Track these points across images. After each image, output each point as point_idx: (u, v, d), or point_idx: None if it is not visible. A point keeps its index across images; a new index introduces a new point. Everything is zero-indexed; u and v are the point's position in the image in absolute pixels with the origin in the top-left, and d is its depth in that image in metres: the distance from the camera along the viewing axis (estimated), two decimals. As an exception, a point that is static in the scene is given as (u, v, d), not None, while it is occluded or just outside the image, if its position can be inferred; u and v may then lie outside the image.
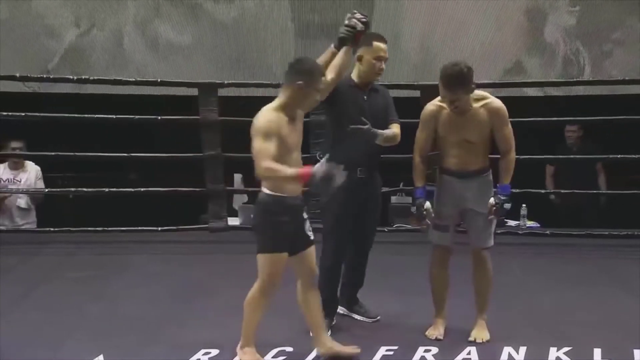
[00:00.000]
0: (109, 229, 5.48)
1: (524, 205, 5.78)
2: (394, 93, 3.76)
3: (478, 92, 3.27)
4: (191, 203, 5.85)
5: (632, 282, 4.30)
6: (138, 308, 3.81)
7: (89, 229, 5.49)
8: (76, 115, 5.44)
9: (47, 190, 5.66)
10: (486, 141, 3.29)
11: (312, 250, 3.06)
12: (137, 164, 6.05)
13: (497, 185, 3.28)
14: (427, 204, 3.31)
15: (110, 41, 6.48)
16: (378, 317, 3.64)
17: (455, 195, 3.31)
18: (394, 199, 5.95)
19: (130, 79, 5.61)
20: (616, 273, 4.60)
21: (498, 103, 3.26)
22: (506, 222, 5.74)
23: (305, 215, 3.04)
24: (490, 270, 3.37)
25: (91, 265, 4.77)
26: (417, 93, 5.15)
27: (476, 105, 3.25)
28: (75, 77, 5.55)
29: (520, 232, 5.65)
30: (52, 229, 5.45)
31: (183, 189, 5.66)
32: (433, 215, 3.30)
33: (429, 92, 3.53)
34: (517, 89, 6.14)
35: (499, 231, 5.43)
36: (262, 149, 2.81)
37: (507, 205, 3.22)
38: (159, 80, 5.55)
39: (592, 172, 6.06)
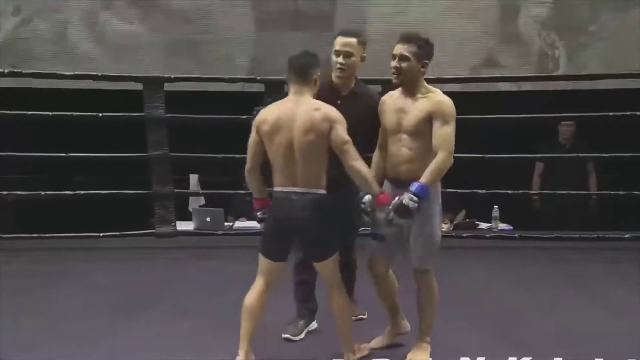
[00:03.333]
0: (46, 235, 5.46)
1: (496, 206, 5.86)
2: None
3: (428, 86, 3.28)
4: (138, 207, 5.86)
5: (598, 288, 4.40)
6: (76, 320, 3.80)
7: (24, 235, 5.46)
8: (9, 112, 5.42)
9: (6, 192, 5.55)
10: (425, 141, 3.18)
11: None
12: (81, 165, 6.01)
13: (412, 182, 3.12)
14: (367, 198, 3.18)
15: (53, 32, 6.41)
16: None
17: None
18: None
19: (68, 73, 5.56)
20: (584, 278, 4.69)
21: (444, 97, 3.24)
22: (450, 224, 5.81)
23: None
24: (434, 294, 3.27)
25: (26, 274, 4.74)
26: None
27: (420, 95, 3.23)
28: (6, 71, 5.49)
29: (488, 235, 5.72)
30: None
31: (126, 192, 5.65)
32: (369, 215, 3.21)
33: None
34: (490, 84, 6.20)
35: (465, 235, 5.66)
36: (350, 141, 3.09)
37: (412, 205, 3.05)
38: (99, 74, 5.52)
39: (583, 172, 6.12)
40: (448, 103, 3.22)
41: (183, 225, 5.74)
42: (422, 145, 3.20)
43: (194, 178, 5.98)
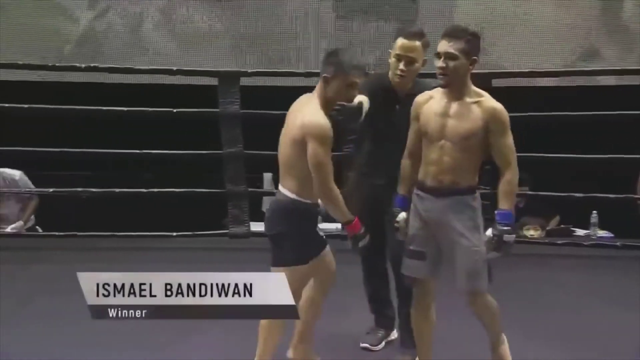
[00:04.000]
0: (119, 234, 5.45)
1: (594, 212, 5.55)
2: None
3: (476, 89, 2.96)
4: (211, 206, 5.78)
5: None
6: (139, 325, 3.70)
7: (98, 233, 5.46)
8: (83, 107, 5.42)
9: (51, 190, 5.59)
10: (472, 151, 2.91)
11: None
12: (153, 162, 5.98)
13: (495, 211, 2.90)
14: (402, 216, 3.02)
15: (128, 25, 6.43)
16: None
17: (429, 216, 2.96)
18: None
19: (143, 67, 5.59)
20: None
21: (496, 103, 2.93)
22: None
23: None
24: (491, 313, 2.97)
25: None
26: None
27: (469, 100, 2.92)
28: (83, 65, 5.52)
29: (586, 243, 5.39)
30: (57, 234, 5.44)
31: (199, 190, 5.59)
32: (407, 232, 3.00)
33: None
34: (589, 78, 5.91)
35: (560, 242, 5.31)
36: (325, 163, 2.81)
37: (509, 238, 2.85)
38: (174, 68, 5.48)
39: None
40: (503, 110, 2.90)
41: (257, 226, 5.60)
42: (469, 156, 2.91)
43: (267, 177, 5.88)
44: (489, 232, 2.90)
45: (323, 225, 5.43)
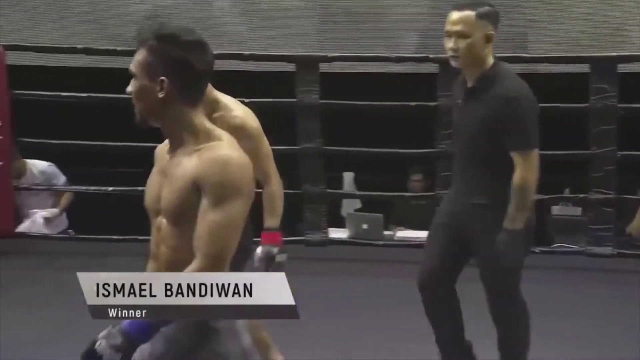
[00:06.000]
0: None
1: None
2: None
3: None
4: (285, 209, 5.46)
5: None
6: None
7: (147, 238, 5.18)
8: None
9: (111, 189, 5.44)
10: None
11: None
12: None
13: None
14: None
15: (197, 8, 6.16)
16: None
17: None
18: (555, 209, 5.58)
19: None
20: None
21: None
22: None
23: None
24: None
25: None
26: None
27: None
28: None
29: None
30: (115, 237, 5.27)
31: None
32: None
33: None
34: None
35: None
36: None
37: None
38: (245, 53, 5.25)
39: None
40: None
41: (336, 233, 5.49)
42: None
43: (349, 177, 5.77)
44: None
45: (406, 234, 5.32)
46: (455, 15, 2.85)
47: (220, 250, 1.86)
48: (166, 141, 2.04)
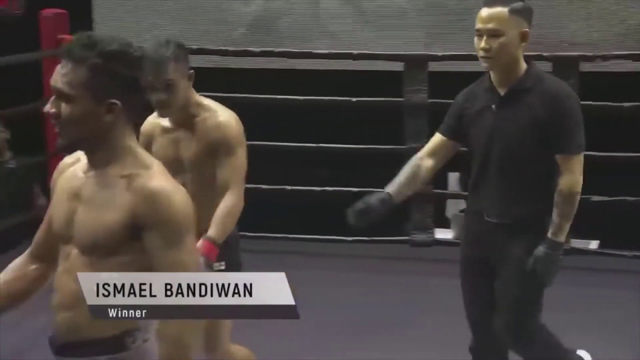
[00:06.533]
0: (291, 235, 5.33)
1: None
2: None
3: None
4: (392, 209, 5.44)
5: None
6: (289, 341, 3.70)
7: (266, 234, 5.28)
8: (254, 95, 5.30)
9: None
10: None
11: None
12: (328, 157, 5.73)
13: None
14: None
15: (304, 6, 6.17)
16: None
17: None
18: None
19: (323, 52, 5.37)
20: None
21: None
22: None
23: None
24: None
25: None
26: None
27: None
28: (258, 50, 5.41)
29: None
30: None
31: (379, 190, 5.24)
32: None
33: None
34: None
35: None
36: None
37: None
38: (355, 52, 5.25)
39: None
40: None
41: (442, 233, 5.42)
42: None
43: (454, 177, 5.59)
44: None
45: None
46: (486, 11, 2.65)
47: None
48: (73, 156, 1.87)
